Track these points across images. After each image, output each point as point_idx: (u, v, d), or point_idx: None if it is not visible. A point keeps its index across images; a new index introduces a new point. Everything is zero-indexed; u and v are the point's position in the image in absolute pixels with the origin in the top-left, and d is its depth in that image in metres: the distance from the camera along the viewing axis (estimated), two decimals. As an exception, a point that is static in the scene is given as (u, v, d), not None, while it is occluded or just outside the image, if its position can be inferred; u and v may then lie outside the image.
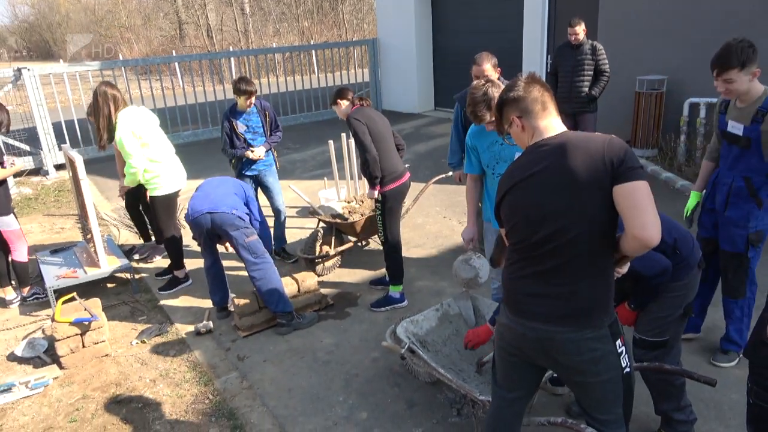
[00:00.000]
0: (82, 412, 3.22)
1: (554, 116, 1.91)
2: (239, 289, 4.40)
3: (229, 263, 4.64)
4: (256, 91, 4.63)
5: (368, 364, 3.49)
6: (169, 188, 4.45)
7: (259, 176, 4.84)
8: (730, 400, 2.95)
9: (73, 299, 3.90)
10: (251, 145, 4.70)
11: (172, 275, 4.63)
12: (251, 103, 4.64)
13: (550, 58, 8.42)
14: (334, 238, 4.73)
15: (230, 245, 3.94)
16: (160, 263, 5.11)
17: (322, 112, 11.57)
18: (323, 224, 4.78)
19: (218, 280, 4.08)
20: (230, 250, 4.07)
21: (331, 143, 5.42)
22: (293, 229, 5.66)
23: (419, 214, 5.93)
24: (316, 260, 4.63)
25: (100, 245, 4.47)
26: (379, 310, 4.09)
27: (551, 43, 8.60)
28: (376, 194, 3.91)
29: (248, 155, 4.64)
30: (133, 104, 4.51)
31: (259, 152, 4.67)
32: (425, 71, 11.40)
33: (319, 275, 4.65)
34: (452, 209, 6.02)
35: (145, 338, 3.90)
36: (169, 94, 10.65)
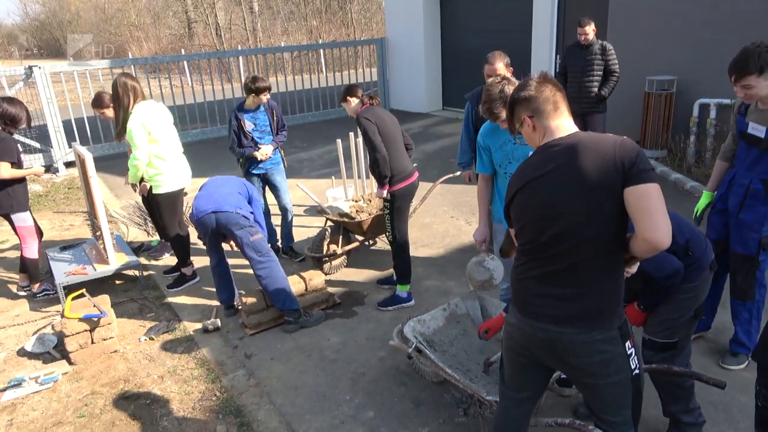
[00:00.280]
0: (90, 407, 3.24)
1: (566, 116, 1.90)
2: (246, 287, 4.42)
3: (235, 261, 4.66)
4: (271, 87, 4.68)
5: (375, 363, 3.50)
6: (171, 186, 4.45)
7: (266, 175, 4.85)
8: (739, 402, 2.93)
9: (82, 296, 3.93)
10: (258, 143, 4.72)
11: (179, 273, 4.65)
12: (267, 98, 4.66)
13: (559, 58, 8.38)
14: (341, 237, 4.74)
15: (235, 244, 3.95)
16: (168, 260, 5.13)
17: (330, 111, 11.58)
18: (331, 223, 4.79)
19: (224, 278, 4.09)
20: (236, 248, 4.09)
21: (339, 142, 5.43)
22: (301, 227, 5.68)
23: (427, 213, 5.93)
24: (323, 259, 4.64)
25: (109, 242, 4.50)
26: (386, 309, 4.09)
27: (560, 42, 8.57)
28: (384, 194, 3.91)
29: (255, 155, 4.65)
30: (152, 99, 4.52)
31: (266, 151, 4.68)
32: (433, 71, 11.39)
33: (326, 274, 4.65)
34: (460, 209, 6.02)
35: (153, 335, 3.92)
36: (177, 92, 10.69)
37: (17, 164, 4.26)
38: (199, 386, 3.38)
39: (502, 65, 3.72)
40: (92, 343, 3.68)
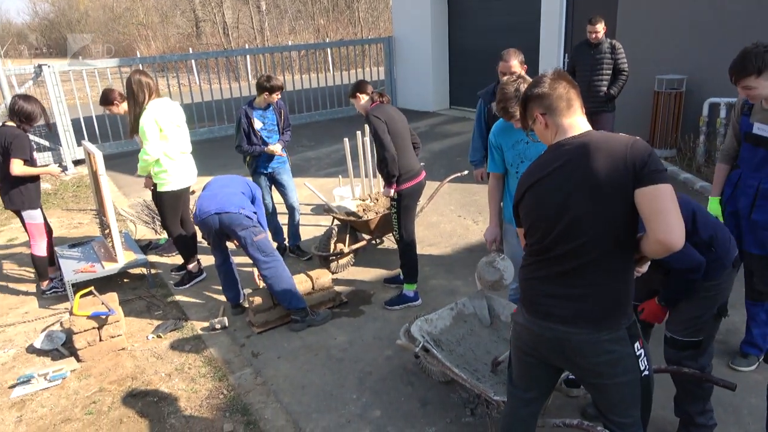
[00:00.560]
0: (98, 404, 3.26)
1: (579, 114, 1.89)
2: (252, 285, 4.42)
3: (241, 260, 4.66)
4: (284, 86, 4.69)
5: (382, 362, 3.49)
6: (175, 185, 4.45)
7: (273, 173, 4.85)
8: (749, 404, 2.90)
9: (90, 293, 3.95)
10: (267, 142, 4.72)
11: (186, 270, 4.67)
12: (278, 98, 4.68)
13: (567, 56, 8.34)
14: (348, 235, 4.74)
15: (239, 244, 3.95)
16: (176, 258, 5.15)
17: (337, 110, 11.59)
18: (338, 222, 4.79)
19: (230, 277, 4.10)
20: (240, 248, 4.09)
21: (346, 141, 5.42)
22: (308, 226, 5.68)
23: (434, 212, 5.92)
24: (330, 258, 4.64)
25: (117, 240, 4.52)
26: (393, 308, 4.09)
27: (569, 41, 8.52)
28: (392, 193, 3.90)
29: (271, 149, 4.65)
30: (167, 97, 4.53)
31: (278, 147, 4.70)
32: (441, 69, 11.37)
33: (333, 273, 4.65)
34: (467, 208, 6.00)
35: (160, 333, 3.94)
36: (185, 91, 10.74)
37: (30, 162, 4.29)
38: (206, 384, 3.39)
39: (517, 62, 3.68)
40: (100, 340, 3.70)
